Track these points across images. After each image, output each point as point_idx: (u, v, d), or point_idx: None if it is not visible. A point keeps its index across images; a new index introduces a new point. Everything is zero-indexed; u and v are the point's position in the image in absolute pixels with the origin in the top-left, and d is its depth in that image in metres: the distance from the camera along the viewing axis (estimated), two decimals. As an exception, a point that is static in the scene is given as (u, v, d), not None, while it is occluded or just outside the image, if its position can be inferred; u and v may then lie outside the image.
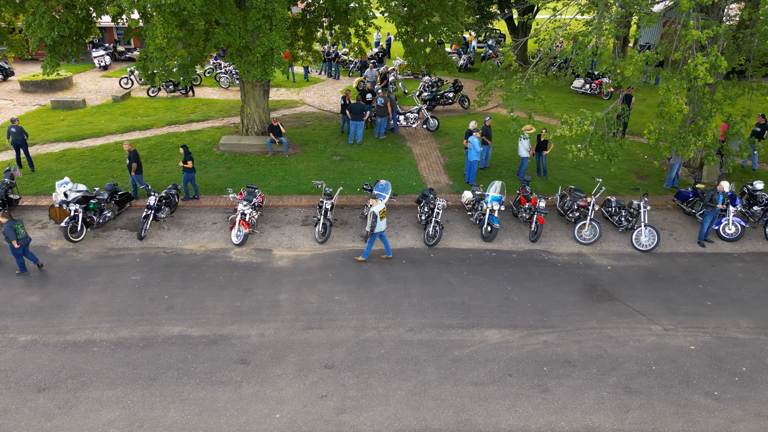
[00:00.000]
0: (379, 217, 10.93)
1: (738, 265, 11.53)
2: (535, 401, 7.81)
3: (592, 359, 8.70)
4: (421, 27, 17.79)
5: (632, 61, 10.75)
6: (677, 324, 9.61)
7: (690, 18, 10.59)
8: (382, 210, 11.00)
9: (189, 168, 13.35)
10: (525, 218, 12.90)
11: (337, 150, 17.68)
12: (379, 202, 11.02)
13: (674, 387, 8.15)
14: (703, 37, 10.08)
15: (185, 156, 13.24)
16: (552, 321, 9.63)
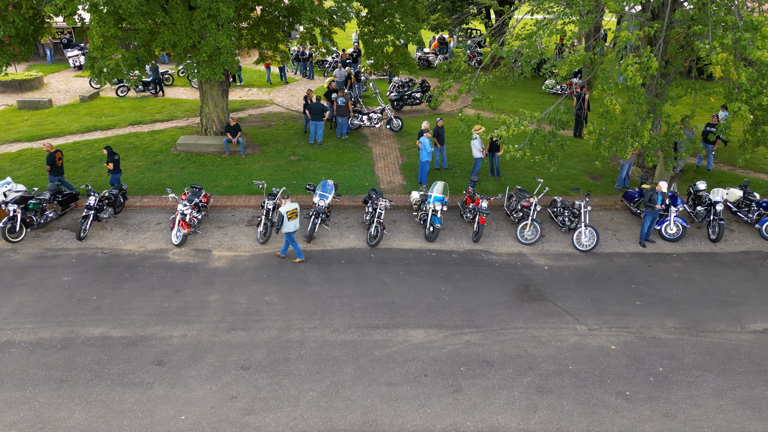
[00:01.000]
0: (287, 217, 10.90)
1: (675, 265, 11.59)
2: (445, 401, 7.83)
3: (510, 359, 8.73)
4: (381, 27, 17.88)
5: (567, 61, 10.79)
6: (603, 324, 9.65)
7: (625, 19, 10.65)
8: (290, 211, 10.95)
9: (112, 170, 13.36)
10: (469, 218, 12.94)
11: (297, 150, 17.66)
12: (288, 202, 10.99)
13: (587, 387, 8.18)
14: (632, 38, 10.13)
15: (108, 157, 13.24)
16: (479, 321, 9.66)
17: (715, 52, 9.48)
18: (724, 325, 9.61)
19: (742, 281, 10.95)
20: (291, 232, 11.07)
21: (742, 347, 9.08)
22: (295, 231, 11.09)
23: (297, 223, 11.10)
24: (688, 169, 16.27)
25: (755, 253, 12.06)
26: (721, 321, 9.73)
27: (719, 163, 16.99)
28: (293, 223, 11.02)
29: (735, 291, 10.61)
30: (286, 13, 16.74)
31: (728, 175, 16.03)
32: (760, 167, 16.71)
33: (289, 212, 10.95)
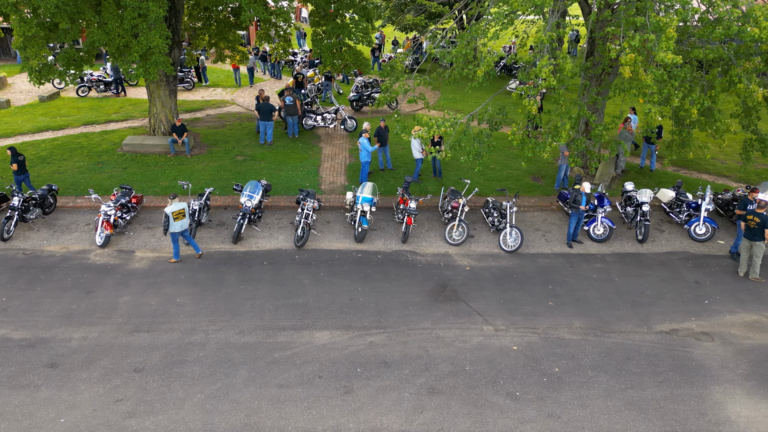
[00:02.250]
0: (173, 218, 10.86)
1: (597, 265, 11.63)
2: (333, 403, 7.83)
3: (410, 360, 8.74)
4: (329, 27, 17.86)
5: (485, 62, 10.81)
6: (510, 325, 9.67)
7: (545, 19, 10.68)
8: (177, 211, 10.91)
9: (16, 171, 13.28)
10: (400, 219, 12.95)
11: (245, 150, 17.62)
12: (174, 203, 10.96)
13: (479, 387, 8.20)
14: (546, 39, 10.16)
15: (12, 158, 13.16)
16: (387, 322, 9.66)
17: (624, 53, 9.52)
18: (631, 326, 9.66)
19: (660, 282, 11.00)
20: (177, 232, 11.05)
21: (644, 348, 9.12)
22: (182, 231, 11.07)
23: (185, 224, 11.06)
24: (631, 169, 16.36)
25: (680, 253, 12.13)
26: (629, 322, 9.78)
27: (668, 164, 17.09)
28: (180, 223, 10.98)
29: (650, 292, 10.66)
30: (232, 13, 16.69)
31: (671, 175, 16.10)
32: (705, 168, 16.81)
33: (175, 213, 10.90)
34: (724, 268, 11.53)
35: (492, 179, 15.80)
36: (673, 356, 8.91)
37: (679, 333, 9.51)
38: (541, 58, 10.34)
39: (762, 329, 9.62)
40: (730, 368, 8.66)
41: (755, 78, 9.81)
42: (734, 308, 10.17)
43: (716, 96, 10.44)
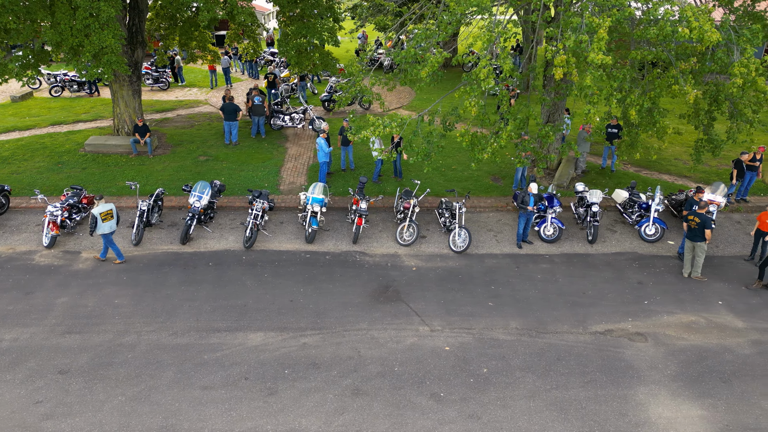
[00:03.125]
0: (100, 219, 10.82)
1: (543, 266, 11.65)
2: (255, 404, 7.82)
3: (340, 361, 8.73)
4: (294, 28, 17.84)
5: (428, 63, 10.81)
6: (447, 325, 9.68)
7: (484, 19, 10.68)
8: (104, 212, 10.87)
9: None
10: (351, 220, 12.95)
11: (209, 150, 17.57)
12: (101, 203, 10.93)
13: (404, 388, 8.20)
14: (484, 39, 10.16)
15: None
16: (324, 323, 9.65)
17: (558, 54, 9.53)
18: (567, 327, 9.68)
19: (603, 282, 11.02)
20: (107, 233, 11.02)
21: (576, 349, 9.14)
22: (111, 232, 11.03)
23: (113, 225, 11.02)
24: (592, 170, 16.39)
25: (628, 254, 12.15)
26: (566, 322, 9.79)
27: (628, 164, 17.13)
28: (108, 224, 10.95)
29: (592, 292, 10.68)
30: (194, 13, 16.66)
31: (632, 176, 16.12)
32: (666, 168, 16.85)
33: (103, 213, 10.87)
34: (669, 268, 11.56)
35: (452, 179, 15.81)
36: (604, 357, 8.94)
37: (614, 333, 9.54)
38: (482, 59, 10.37)
39: (697, 330, 9.66)
40: (658, 369, 8.69)
41: (690, 79, 9.84)
42: (673, 309, 10.20)
43: (656, 97, 10.48)
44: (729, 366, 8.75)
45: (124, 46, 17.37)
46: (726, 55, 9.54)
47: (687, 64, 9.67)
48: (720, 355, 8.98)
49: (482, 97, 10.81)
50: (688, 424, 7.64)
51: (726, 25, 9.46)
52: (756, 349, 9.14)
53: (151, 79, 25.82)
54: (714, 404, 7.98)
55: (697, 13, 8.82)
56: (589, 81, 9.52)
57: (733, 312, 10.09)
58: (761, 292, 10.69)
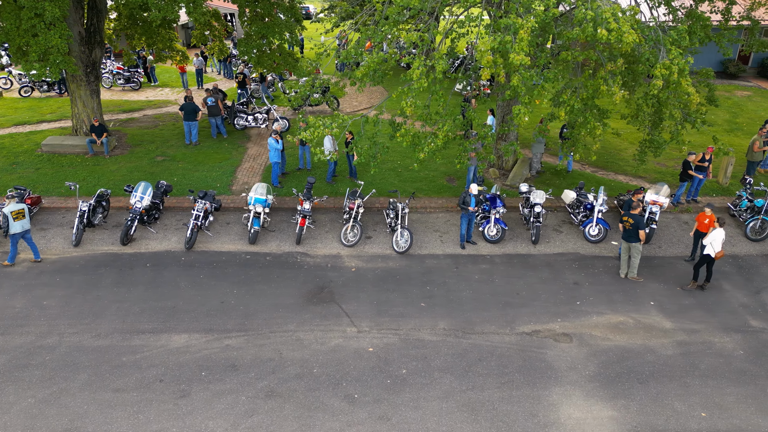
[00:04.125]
0: (12, 218, 10.73)
1: (483, 267, 11.64)
2: (164, 407, 7.78)
3: (260, 363, 8.70)
4: (254, 28, 17.81)
5: (364, 64, 10.79)
6: (375, 326, 9.66)
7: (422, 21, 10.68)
8: (16, 211, 10.79)
9: None
10: (295, 220, 12.93)
11: (168, 151, 17.51)
12: (12, 202, 10.86)
13: (319, 390, 8.18)
14: (415, 39, 10.15)
15: None
16: (252, 324, 9.62)
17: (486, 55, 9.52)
18: (495, 327, 9.68)
19: (539, 283, 11.03)
20: (18, 233, 10.92)
21: (499, 349, 9.13)
22: (23, 231, 10.93)
23: (25, 224, 10.92)
24: (548, 170, 16.41)
25: (570, 254, 12.15)
26: (494, 323, 9.79)
27: (585, 165, 17.16)
28: (20, 223, 10.86)
29: (526, 293, 10.68)
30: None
31: (588, 176, 16.16)
32: (623, 169, 16.87)
33: (14, 212, 10.79)
34: (608, 269, 11.57)
35: (408, 180, 15.79)
36: (525, 357, 8.94)
37: (540, 334, 9.54)
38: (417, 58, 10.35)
39: (624, 330, 9.67)
40: (577, 369, 8.69)
41: (618, 80, 9.85)
42: (604, 309, 10.21)
43: (588, 98, 10.48)
44: (649, 367, 8.77)
45: (81, 45, 17.39)
46: (654, 56, 9.57)
47: (615, 65, 9.68)
48: (642, 356, 8.99)
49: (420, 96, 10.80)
50: (596, 425, 7.64)
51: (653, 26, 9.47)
52: (679, 350, 9.16)
53: (123, 78, 25.80)
54: (626, 405, 7.99)
55: (617, 14, 8.83)
56: (516, 81, 9.52)
57: (663, 313, 10.12)
58: (695, 293, 10.71)
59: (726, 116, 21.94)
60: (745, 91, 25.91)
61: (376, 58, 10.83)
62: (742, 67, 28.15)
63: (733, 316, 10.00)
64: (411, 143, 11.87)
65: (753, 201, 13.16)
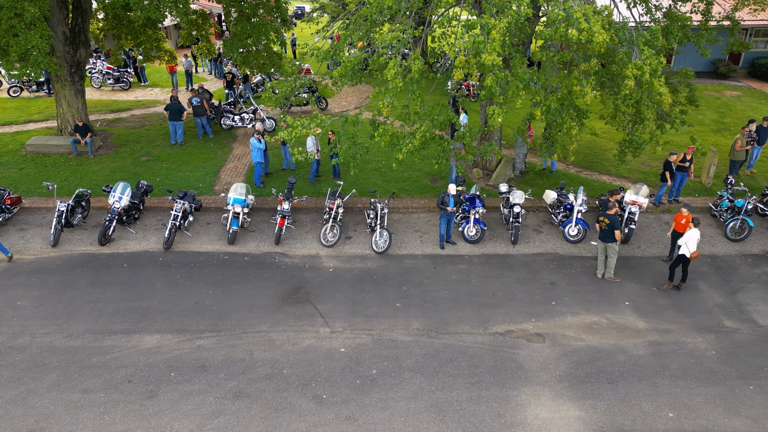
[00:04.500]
0: None
1: (461, 267, 11.63)
2: (131, 408, 7.77)
3: (230, 364, 8.68)
4: (239, 28, 17.80)
5: (342, 65, 10.78)
6: (349, 326, 9.65)
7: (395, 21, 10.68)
8: None
9: None
10: (274, 220, 12.91)
11: (153, 151, 17.49)
12: None
13: (288, 391, 8.17)
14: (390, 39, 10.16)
15: None
16: (225, 325, 9.61)
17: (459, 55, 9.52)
18: (468, 327, 9.67)
19: (516, 283, 11.02)
20: None
21: (471, 349, 9.13)
22: None
23: None
24: (532, 170, 16.40)
25: (549, 255, 12.15)
26: (468, 323, 9.78)
27: (569, 165, 17.16)
28: None
29: (502, 293, 10.67)
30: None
31: (572, 177, 16.17)
32: (607, 169, 16.86)
33: None
34: (586, 269, 11.56)
35: (391, 180, 15.78)
36: (497, 357, 8.93)
37: (513, 334, 9.53)
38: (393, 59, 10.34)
39: (597, 331, 9.67)
40: (548, 370, 8.69)
41: (591, 80, 9.84)
42: (578, 310, 10.21)
43: (564, 98, 10.48)
44: (619, 367, 8.76)
45: (65, 45, 17.36)
46: (628, 56, 9.56)
47: (588, 66, 9.68)
48: (613, 356, 8.99)
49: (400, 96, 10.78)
50: (562, 425, 7.64)
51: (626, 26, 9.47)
52: (651, 350, 9.16)
53: (113, 78, 25.79)
54: (594, 405, 7.99)
55: (589, 14, 8.83)
56: (490, 81, 9.53)
57: (637, 313, 10.11)
58: (671, 293, 10.72)
59: (714, 116, 21.98)
60: (735, 91, 25.95)
61: (353, 58, 10.83)
62: (732, 67, 28.21)
63: (708, 316, 10.02)
64: (389, 143, 11.88)
65: (733, 201, 13.19)
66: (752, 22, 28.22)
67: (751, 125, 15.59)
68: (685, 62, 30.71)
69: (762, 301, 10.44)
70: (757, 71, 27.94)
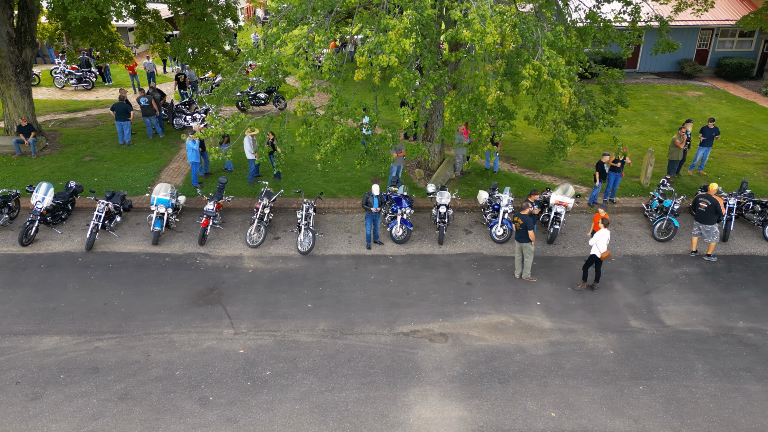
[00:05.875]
0: None
1: (382, 267, 11.60)
2: (12, 410, 7.71)
3: (123, 365, 8.63)
4: (187, 27, 17.75)
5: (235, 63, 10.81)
6: (255, 327, 9.61)
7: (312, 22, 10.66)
8: None
9: None
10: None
11: (99, 151, 17.41)
12: None
13: (176, 393, 8.13)
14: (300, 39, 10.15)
15: None
16: (129, 326, 9.55)
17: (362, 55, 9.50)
18: (375, 327, 9.65)
19: (433, 283, 11.01)
20: None
21: (372, 350, 9.10)
22: None
23: None
24: (474, 170, 16.41)
25: (473, 255, 12.15)
26: (375, 323, 9.75)
27: (514, 165, 17.18)
28: None
29: (417, 293, 10.65)
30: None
31: (513, 177, 16.15)
32: (549, 169, 16.83)
33: None
34: (506, 269, 11.55)
35: (332, 180, 15.77)
36: (395, 358, 8.92)
37: (418, 334, 9.52)
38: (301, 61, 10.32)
39: (502, 331, 9.66)
40: (443, 370, 8.67)
41: (496, 82, 9.83)
42: (488, 310, 10.21)
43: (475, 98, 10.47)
44: (515, 367, 8.77)
45: (10, 45, 17.25)
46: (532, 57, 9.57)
47: (491, 66, 9.68)
48: (511, 356, 8.99)
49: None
50: (443, 425, 7.63)
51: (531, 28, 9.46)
52: (550, 350, 9.16)
53: (75, 78, 25.70)
54: (479, 405, 7.98)
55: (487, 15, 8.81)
56: (395, 83, 9.52)
57: (546, 313, 10.12)
58: (584, 293, 10.72)
59: (670, 117, 22.05)
60: (698, 91, 26.05)
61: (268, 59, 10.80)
62: (698, 67, 28.33)
63: (615, 316, 10.03)
64: (311, 143, 11.86)
65: (662, 201, 13.24)
66: (717, 23, 28.40)
67: (687, 125, 15.64)
68: (652, 63, 30.93)
69: (674, 301, 10.49)
70: (722, 71, 28.08)
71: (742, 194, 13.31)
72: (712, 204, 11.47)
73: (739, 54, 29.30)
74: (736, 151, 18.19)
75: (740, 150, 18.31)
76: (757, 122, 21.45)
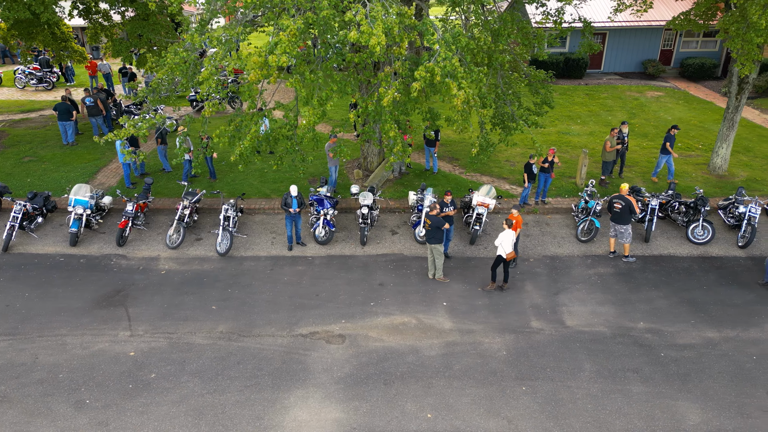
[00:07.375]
0: None
1: (299, 268, 11.56)
2: None
3: (9, 368, 8.52)
4: (129, 26, 17.67)
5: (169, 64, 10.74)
6: (152, 329, 9.53)
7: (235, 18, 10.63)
8: None
9: None
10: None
11: (40, 151, 17.29)
12: None
13: (53, 395, 8.02)
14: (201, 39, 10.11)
15: None
16: (25, 328, 9.45)
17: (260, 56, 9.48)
18: (275, 329, 9.59)
19: (345, 284, 10.95)
20: None
21: (265, 352, 9.03)
22: None
23: None
24: (414, 170, 16.38)
25: (392, 256, 12.09)
26: (277, 325, 9.69)
27: (456, 166, 17.16)
28: None
29: (326, 294, 10.61)
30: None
31: (452, 177, 16.13)
32: (490, 170, 16.83)
33: None
34: (422, 270, 11.47)
35: (269, 181, 15.70)
36: (286, 360, 8.86)
37: (317, 335, 9.47)
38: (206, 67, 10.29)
39: (401, 331, 9.61)
40: (331, 372, 8.62)
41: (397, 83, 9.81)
42: (393, 310, 10.16)
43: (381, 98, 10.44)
44: (404, 368, 8.72)
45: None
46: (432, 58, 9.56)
47: (392, 68, 9.65)
48: (403, 357, 8.95)
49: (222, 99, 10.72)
50: (317, 427, 7.58)
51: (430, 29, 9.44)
52: (444, 350, 9.12)
53: (36, 79, 25.57)
54: (358, 407, 7.94)
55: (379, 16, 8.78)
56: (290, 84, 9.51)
57: (450, 314, 10.09)
58: (492, 294, 10.70)
59: (624, 117, 22.06)
60: (658, 91, 26.12)
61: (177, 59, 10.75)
62: (661, 68, 28.42)
63: (518, 317, 10.02)
64: (228, 144, 11.81)
65: (587, 202, 13.26)
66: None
67: (623, 126, 15.67)
68: (617, 64, 30.99)
69: (580, 302, 10.49)
70: (686, 71, 28.21)
71: (666, 194, 13.33)
72: (626, 204, 11.49)
73: (703, 54, 29.44)
74: (681, 151, 18.23)
75: (685, 151, 18.36)
76: (709, 122, 21.53)
